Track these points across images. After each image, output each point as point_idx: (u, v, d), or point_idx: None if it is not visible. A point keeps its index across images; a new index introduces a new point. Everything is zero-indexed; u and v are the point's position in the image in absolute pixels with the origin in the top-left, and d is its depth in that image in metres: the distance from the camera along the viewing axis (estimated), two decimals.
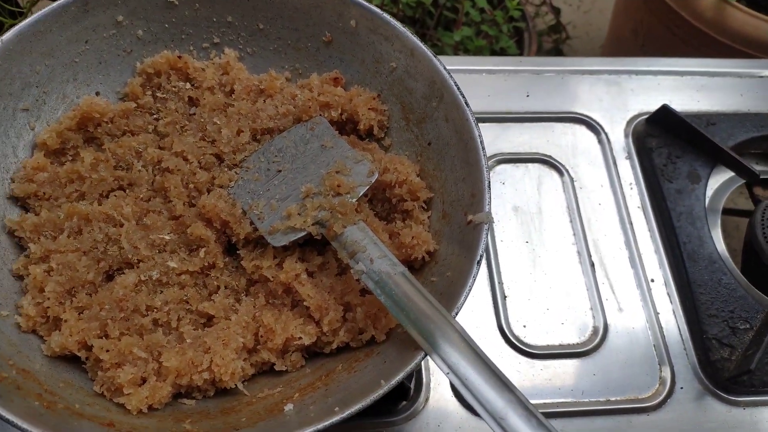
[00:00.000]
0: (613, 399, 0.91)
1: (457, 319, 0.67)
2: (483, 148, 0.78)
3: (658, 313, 0.99)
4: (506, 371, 0.89)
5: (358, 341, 0.75)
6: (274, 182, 0.83)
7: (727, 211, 1.18)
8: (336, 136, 0.86)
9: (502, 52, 1.75)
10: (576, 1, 2.46)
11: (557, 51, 2.13)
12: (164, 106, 0.89)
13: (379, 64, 0.90)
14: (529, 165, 1.11)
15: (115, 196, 0.80)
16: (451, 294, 0.71)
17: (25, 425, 0.57)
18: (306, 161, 0.84)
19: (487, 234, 0.73)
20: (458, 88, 0.82)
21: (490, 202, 0.75)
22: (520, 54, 1.82)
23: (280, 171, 0.84)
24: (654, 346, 0.96)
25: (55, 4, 0.82)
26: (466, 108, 0.81)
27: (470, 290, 0.69)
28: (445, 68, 0.84)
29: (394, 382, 0.63)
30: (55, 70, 0.84)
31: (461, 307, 0.68)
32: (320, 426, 0.60)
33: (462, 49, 1.72)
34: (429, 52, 0.85)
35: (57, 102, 0.85)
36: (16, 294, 0.74)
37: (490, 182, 0.76)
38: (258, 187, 0.83)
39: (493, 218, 0.74)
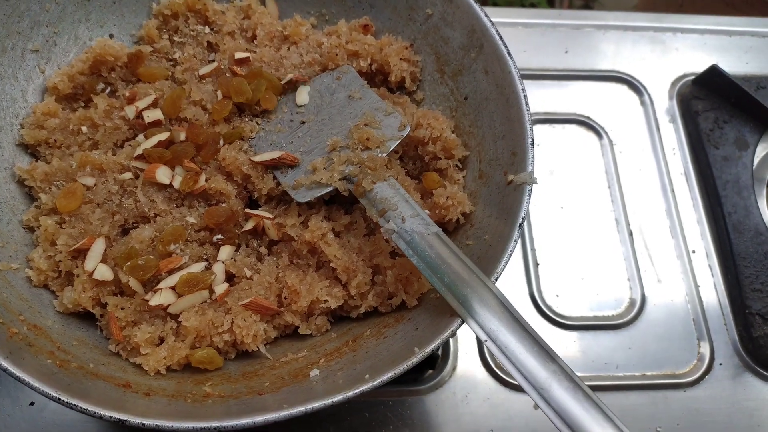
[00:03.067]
0: (649, 374, 0.87)
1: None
2: (526, 103, 0.72)
3: (699, 286, 0.94)
4: None
5: (387, 306, 0.71)
6: (298, 134, 0.78)
7: None
8: (364, 86, 0.80)
9: (533, 7, 1.66)
10: None
11: (587, 8, 2.03)
12: (182, 51, 0.83)
13: (412, 10, 0.84)
14: (567, 126, 1.04)
15: (130, 145, 0.75)
16: (489, 258, 0.66)
17: (37, 384, 0.53)
18: (332, 112, 0.79)
19: (529, 196, 0.67)
20: (500, 38, 0.76)
21: (533, 161, 0.69)
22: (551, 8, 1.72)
23: (304, 122, 0.78)
24: (693, 320, 0.91)
25: None
26: (509, 59, 0.75)
27: (511, 255, 0.64)
28: (486, 15, 0.77)
29: (428, 350, 0.59)
30: (67, 9, 0.78)
31: (501, 272, 0.64)
32: (350, 394, 0.56)
33: (491, 4, 1.64)
34: None
35: (68, 44, 0.80)
36: (27, 246, 0.70)
37: (533, 140, 0.70)
38: (281, 138, 0.78)
39: (536, 179, 0.68)
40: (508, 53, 0.75)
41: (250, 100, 0.77)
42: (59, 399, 0.53)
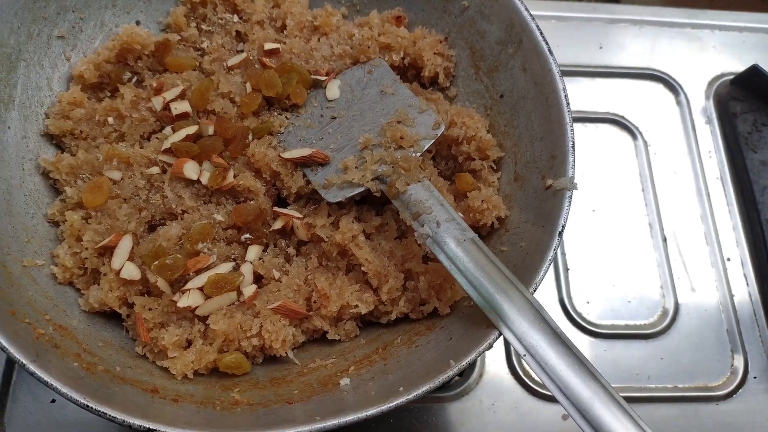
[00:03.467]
0: (681, 386, 0.85)
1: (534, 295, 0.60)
2: (567, 104, 0.69)
3: (733, 296, 0.91)
4: None
5: (418, 313, 0.69)
6: (329, 130, 0.75)
7: None
8: (397, 81, 0.77)
9: None
10: None
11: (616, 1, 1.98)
12: (210, 41, 0.80)
13: (447, 2, 0.81)
14: (600, 125, 1.01)
15: (157, 138, 0.73)
16: (526, 267, 0.64)
17: (65, 390, 0.52)
18: (363, 108, 0.76)
19: (569, 202, 0.65)
20: (541, 33, 0.73)
21: (574, 166, 0.67)
22: None
23: (334, 118, 0.76)
24: (727, 330, 0.89)
25: None
26: (550, 56, 0.72)
27: (550, 264, 0.62)
28: (526, 8, 0.74)
29: (465, 362, 0.57)
30: None
31: (540, 283, 0.61)
32: (384, 408, 0.55)
33: None
34: None
35: (94, 30, 0.77)
36: (51, 242, 0.68)
37: (574, 143, 0.67)
38: (311, 134, 0.75)
39: (576, 185, 0.65)
40: (549, 50, 0.72)
41: (280, 94, 0.75)
42: (87, 406, 0.52)
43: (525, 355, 0.57)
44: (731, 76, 1.06)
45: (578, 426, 0.53)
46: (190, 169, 0.69)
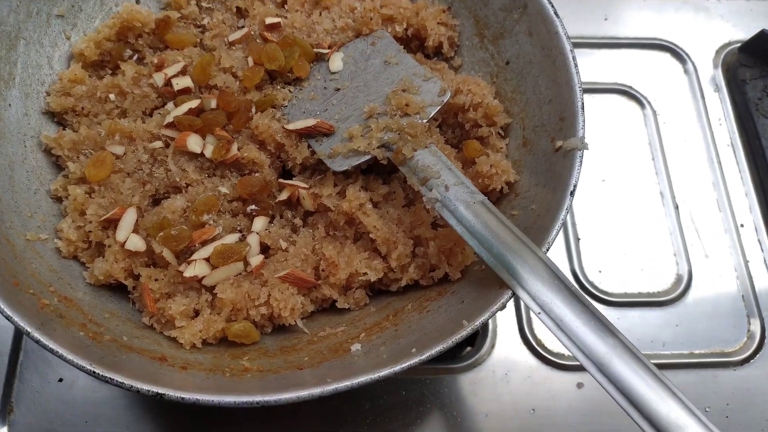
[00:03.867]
0: (697, 352, 0.83)
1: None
2: (576, 65, 0.68)
3: (748, 261, 0.89)
4: None
5: (428, 279, 0.68)
6: (332, 101, 0.74)
7: None
8: (401, 51, 0.76)
9: None
10: None
11: None
12: (210, 17, 0.80)
13: None
14: (607, 96, 1.00)
15: (159, 113, 0.72)
16: (538, 228, 0.63)
17: (70, 356, 0.51)
18: (367, 78, 0.75)
19: (581, 162, 0.64)
20: (551, 3, 0.72)
21: (583, 126, 0.65)
22: None
23: (338, 89, 0.75)
24: (743, 296, 0.87)
25: None
26: (556, 19, 0.71)
27: (562, 224, 0.61)
28: None
29: (478, 323, 0.56)
30: None
31: (552, 242, 0.60)
32: (396, 368, 0.53)
33: None
34: None
35: (94, 9, 0.77)
36: (55, 217, 0.68)
37: (583, 103, 0.66)
38: (315, 106, 0.74)
39: (587, 144, 0.64)
40: (555, 12, 0.71)
41: (283, 68, 0.74)
42: (94, 372, 0.51)
43: (540, 313, 0.56)
44: (739, 44, 1.04)
45: (598, 382, 0.52)
46: (194, 143, 0.68)
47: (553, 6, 0.71)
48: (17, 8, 0.70)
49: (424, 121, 0.69)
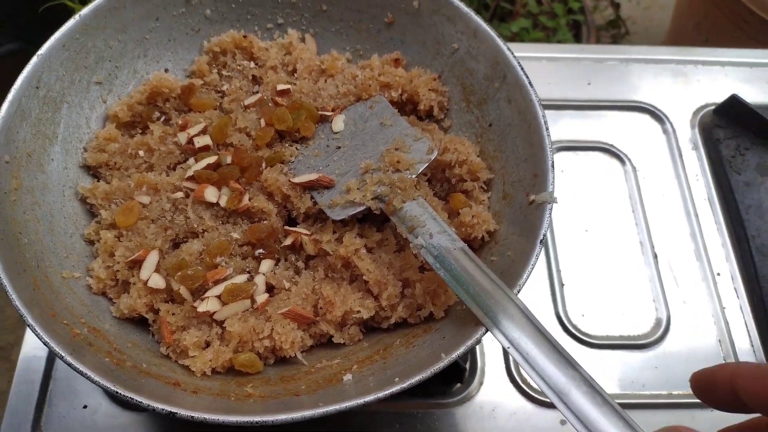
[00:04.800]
0: (676, 393, 0.88)
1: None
2: (546, 128, 0.77)
3: (724, 308, 0.95)
4: None
5: (416, 317, 0.75)
6: (334, 158, 0.84)
7: None
8: (395, 115, 0.86)
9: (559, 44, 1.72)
10: None
11: (614, 44, 2.08)
12: (229, 84, 0.90)
13: (440, 45, 0.90)
14: (590, 153, 1.08)
15: (182, 168, 0.82)
16: (512, 273, 0.70)
17: (97, 378, 0.59)
18: (365, 138, 0.84)
19: (550, 214, 0.72)
20: (522, 69, 0.81)
21: (553, 182, 0.74)
22: None
23: (339, 147, 0.84)
24: (719, 341, 0.92)
25: None
26: (530, 88, 0.80)
27: (532, 269, 0.68)
28: (508, 48, 0.83)
29: (454, 356, 0.63)
30: (127, 46, 0.87)
31: (523, 285, 0.67)
32: (380, 395, 0.60)
33: (518, 41, 1.70)
34: (492, 32, 0.84)
35: (128, 76, 0.88)
36: (87, 258, 0.77)
37: (554, 162, 0.75)
38: (318, 162, 0.84)
39: (556, 198, 0.72)
40: (529, 83, 0.80)
41: (291, 128, 0.84)
42: (117, 392, 0.58)
43: (509, 347, 0.62)
44: (713, 106, 1.13)
45: (559, 410, 0.58)
46: (211, 194, 0.78)
47: (527, 77, 0.80)
48: (63, 77, 0.81)
49: (413, 176, 0.78)
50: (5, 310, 1.81)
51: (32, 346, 0.87)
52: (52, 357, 0.86)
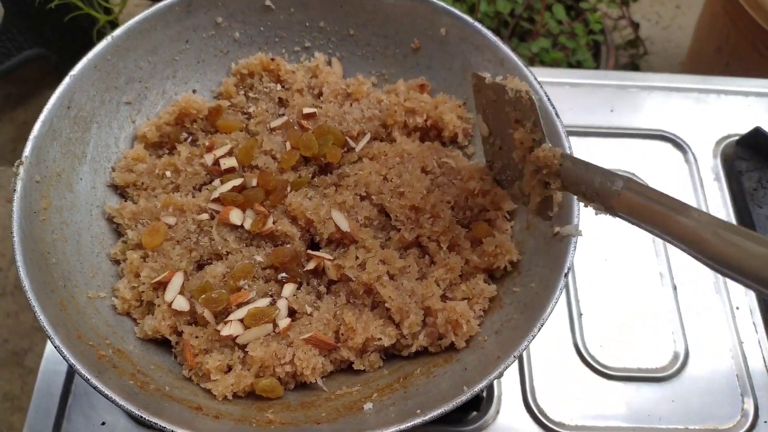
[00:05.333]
0: (692, 428, 0.87)
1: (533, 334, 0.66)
2: None
3: (743, 342, 0.94)
4: (581, 391, 0.87)
5: (436, 346, 0.75)
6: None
7: None
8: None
9: (579, 65, 1.72)
10: (655, 16, 2.40)
11: (633, 66, 2.08)
12: (255, 106, 0.91)
13: (466, 71, 0.90)
14: None
15: (207, 189, 0.83)
16: (535, 305, 0.70)
17: (121, 402, 0.59)
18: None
19: (575, 247, 0.72)
20: (548, 98, 0.82)
21: (578, 215, 0.74)
22: (596, 67, 1.78)
23: None
24: (737, 375, 0.92)
25: (161, 3, 0.86)
26: (557, 119, 0.80)
27: (556, 303, 0.68)
28: (534, 77, 0.83)
29: (477, 389, 0.63)
30: (157, 67, 0.88)
31: (546, 320, 0.67)
32: (402, 427, 0.60)
33: (537, 60, 1.71)
34: (519, 62, 0.85)
35: (157, 97, 0.89)
36: (113, 278, 0.78)
37: None
38: None
39: (581, 231, 0.72)
40: (556, 114, 0.80)
41: (317, 154, 0.85)
42: (141, 417, 0.59)
43: None
44: (737, 137, 1.13)
45: None
46: (235, 216, 0.78)
47: (554, 107, 0.80)
48: (93, 97, 0.82)
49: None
50: (19, 316, 1.83)
51: (52, 360, 0.87)
52: (71, 372, 0.87)
